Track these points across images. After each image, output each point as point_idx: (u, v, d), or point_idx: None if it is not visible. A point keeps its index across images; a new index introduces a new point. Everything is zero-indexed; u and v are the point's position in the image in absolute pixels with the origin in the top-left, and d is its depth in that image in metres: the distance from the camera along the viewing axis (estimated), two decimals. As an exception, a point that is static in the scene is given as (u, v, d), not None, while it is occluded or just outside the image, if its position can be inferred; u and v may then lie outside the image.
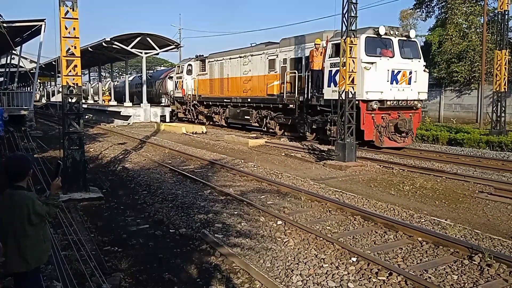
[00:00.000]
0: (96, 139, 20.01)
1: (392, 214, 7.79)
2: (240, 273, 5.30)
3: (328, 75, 15.76)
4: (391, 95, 14.96)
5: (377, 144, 15.21)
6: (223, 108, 24.54)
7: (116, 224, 7.39)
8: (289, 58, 18.65)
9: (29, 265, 3.52)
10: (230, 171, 11.79)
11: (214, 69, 24.88)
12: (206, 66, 25.80)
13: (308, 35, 17.76)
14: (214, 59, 24.92)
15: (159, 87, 34.97)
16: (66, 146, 9.09)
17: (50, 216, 3.64)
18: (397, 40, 15.36)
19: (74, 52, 9.18)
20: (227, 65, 23.56)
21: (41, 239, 3.58)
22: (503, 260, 5.42)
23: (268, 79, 19.99)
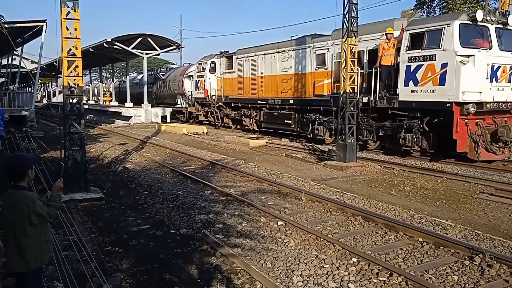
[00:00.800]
0: (97, 139, 20.03)
1: (393, 214, 7.78)
2: (241, 274, 5.30)
3: (405, 71, 13.05)
4: (491, 95, 12.14)
5: (471, 157, 12.40)
6: (256, 110, 21.57)
7: (117, 225, 7.40)
8: None
9: (29, 266, 3.52)
10: (231, 171, 11.80)
11: (244, 67, 22.02)
12: (233, 63, 22.99)
13: (372, 24, 15.07)
14: (244, 55, 22.00)
15: (174, 87, 32.08)
16: (67, 146, 9.10)
17: (50, 217, 3.62)
18: (494, 28, 12.44)
19: (75, 52, 9.20)
20: (261, 62, 20.63)
21: (42, 240, 3.57)
22: (504, 261, 5.41)
23: (316, 77, 17.08)
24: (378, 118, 14.53)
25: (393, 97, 13.61)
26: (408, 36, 13.05)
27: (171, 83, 32.52)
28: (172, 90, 32.21)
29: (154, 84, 36.04)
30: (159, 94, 35.50)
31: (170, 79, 32.96)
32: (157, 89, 35.80)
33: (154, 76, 36.42)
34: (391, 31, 13.60)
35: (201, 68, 25.93)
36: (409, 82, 12.99)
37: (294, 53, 18.19)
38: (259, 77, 20.99)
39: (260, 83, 20.93)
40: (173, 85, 32.13)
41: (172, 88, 32.23)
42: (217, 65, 24.75)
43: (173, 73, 33.46)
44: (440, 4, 33.73)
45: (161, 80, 35.17)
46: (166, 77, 34.46)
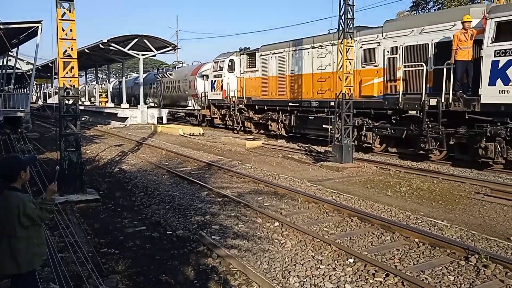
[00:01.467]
0: (93, 140, 19.97)
1: (389, 215, 7.80)
2: (238, 275, 5.30)
3: (491, 68, 11.04)
4: None
5: None
6: (285, 114, 19.07)
7: (113, 226, 7.37)
8: (404, 46, 13.56)
9: (20, 268, 3.46)
10: (227, 172, 11.79)
11: (270, 65, 19.71)
12: (256, 61, 20.67)
13: (439, 13, 13.91)
14: (270, 52, 19.73)
15: (185, 87, 29.29)
16: (63, 148, 9.07)
17: (41, 221, 3.55)
18: None
19: (71, 53, 9.18)
20: (290, 59, 18.42)
21: (34, 243, 3.52)
22: (500, 261, 5.44)
23: (363, 76, 14.95)
24: (448, 124, 12.40)
25: (473, 99, 11.50)
26: (493, 25, 11.02)
27: (181, 83, 29.93)
28: (182, 90, 29.67)
29: (159, 84, 33.91)
30: (166, 95, 33.41)
31: (180, 78, 30.36)
32: (163, 90, 33.53)
33: (160, 75, 33.81)
34: (470, 19, 11.55)
35: (217, 67, 23.54)
36: (496, 81, 10.95)
37: (334, 49, 14.90)
38: (288, 76, 18.68)
39: (290, 83, 18.61)
40: (183, 85, 29.57)
41: (182, 89, 29.69)
42: (236, 63, 22.43)
43: (182, 72, 30.85)
44: (435, 5, 33.90)
45: (169, 80, 32.49)
46: (175, 76, 32.01)
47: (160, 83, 33.69)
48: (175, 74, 32.21)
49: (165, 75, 32.97)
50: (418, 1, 34.66)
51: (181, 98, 30.46)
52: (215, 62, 24.06)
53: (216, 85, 23.66)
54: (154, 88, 35.43)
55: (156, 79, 34.27)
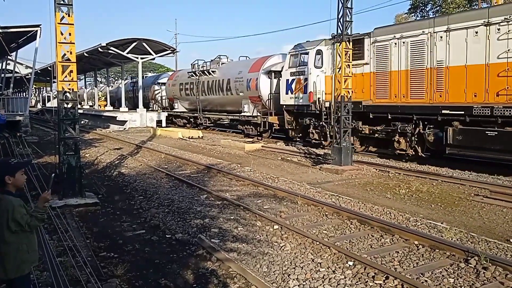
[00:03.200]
0: (92, 144, 19.96)
1: (388, 217, 7.80)
2: (237, 278, 5.28)
3: None
4: None
5: None
6: (430, 125, 13.23)
7: (112, 230, 7.36)
8: None
9: (7, 274, 3.41)
10: (227, 175, 11.78)
11: (393, 54, 14.22)
12: (365, 50, 15.12)
13: None
14: (393, 35, 14.16)
15: (239, 87, 22.55)
16: (62, 151, 9.06)
17: (30, 228, 3.46)
18: None
19: (69, 57, 9.19)
20: (436, 44, 12.97)
21: (24, 249, 3.45)
22: (499, 263, 5.44)
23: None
24: None
25: None
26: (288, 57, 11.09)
27: (233, 82, 22.99)
28: (234, 91, 23.03)
29: (195, 84, 26.96)
30: (206, 98, 26.22)
31: (229, 76, 23.47)
32: (200, 91, 26.35)
33: (197, 73, 26.59)
34: None
35: (297, 61, 17.70)
36: None
37: None
38: (432, 69, 13.14)
39: (436, 80, 13.08)
40: (236, 85, 22.80)
41: (234, 90, 22.95)
42: (326, 55, 16.88)
43: (234, 69, 23.73)
44: (433, 8, 34.01)
45: (210, 79, 25.39)
46: (220, 74, 24.85)
47: (196, 83, 26.61)
48: (221, 71, 24.94)
49: (205, 72, 25.71)
50: (417, 4, 34.77)
51: (232, 103, 23.69)
52: (293, 55, 18.18)
53: (295, 85, 17.69)
54: (186, 90, 28.28)
55: (191, 78, 27.38)
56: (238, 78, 22.72)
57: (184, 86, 28.76)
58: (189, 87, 28.02)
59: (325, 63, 16.94)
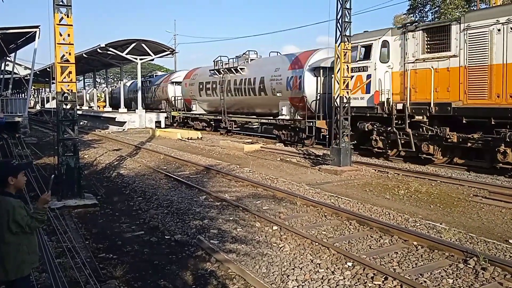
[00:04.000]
0: (90, 145, 19.95)
1: (387, 218, 7.80)
2: (236, 279, 5.28)
3: None
4: None
5: None
6: None
7: (111, 231, 7.35)
8: None
9: (7, 275, 3.40)
10: (226, 176, 11.78)
11: (495, 44, 11.43)
12: (452, 39, 12.45)
13: None
14: (495, 19, 11.41)
15: (276, 87, 19.80)
16: (61, 152, 9.06)
17: (30, 229, 3.47)
18: None
19: (68, 58, 9.18)
20: None
21: (24, 250, 3.45)
22: (498, 264, 5.44)
23: None
24: None
25: None
26: None
27: (268, 81, 20.19)
28: (269, 92, 20.26)
29: (218, 83, 24.24)
30: (230, 99, 23.43)
31: (263, 74, 20.63)
32: (224, 91, 23.55)
33: (222, 70, 23.76)
34: None
35: (356, 55, 14.80)
36: None
37: None
38: None
39: None
40: (272, 84, 19.95)
41: (269, 90, 20.19)
42: (393, 47, 14.16)
43: (268, 65, 20.99)
44: (432, 9, 34.06)
45: (235, 76, 22.70)
46: (250, 72, 21.96)
47: (220, 82, 23.82)
48: (251, 68, 22.17)
49: (232, 70, 22.99)
50: (415, 5, 34.81)
51: (262, 104, 21.18)
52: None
53: (354, 84, 14.67)
54: (207, 90, 25.63)
55: (213, 77, 24.65)
56: (275, 76, 19.83)
57: (205, 86, 25.82)
58: (211, 87, 25.13)
59: (392, 56, 14.21)
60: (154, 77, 37.02)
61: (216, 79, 24.50)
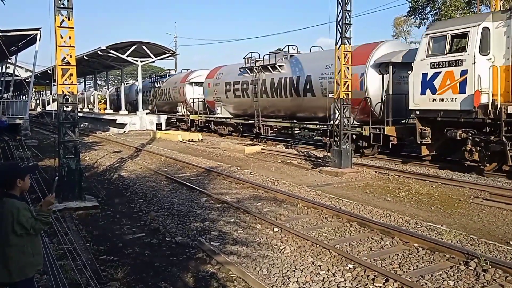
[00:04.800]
0: (91, 147, 19.96)
1: (388, 220, 7.80)
2: (237, 281, 5.28)
3: None
4: None
5: None
6: None
7: (112, 233, 7.36)
8: None
9: (11, 277, 3.41)
10: (227, 178, 11.78)
11: None
12: None
13: None
14: None
15: (326, 86, 16.90)
16: (62, 154, 9.07)
17: (35, 231, 3.48)
18: None
19: (69, 60, 9.20)
20: None
21: (28, 252, 3.46)
22: (499, 265, 5.43)
23: None
24: None
25: None
26: None
27: (317, 80, 17.31)
28: (318, 92, 17.36)
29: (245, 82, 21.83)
30: (266, 101, 20.50)
31: (310, 72, 17.73)
32: (259, 91, 20.70)
33: (255, 69, 20.99)
34: None
35: (443, 46, 12.16)
36: None
37: None
38: None
39: None
40: (323, 83, 17.09)
41: (319, 90, 17.30)
42: (495, 36, 11.43)
43: (315, 61, 18.09)
44: (432, 11, 34.08)
45: (272, 75, 19.84)
46: (290, 68, 19.03)
47: (253, 82, 21.12)
48: (292, 65, 19.00)
49: (268, 68, 20.09)
50: (416, 7, 34.84)
51: (308, 106, 18.22)
52: (433, 38, 12.42)
53: (442, 82, 12.14)
54: (236, 91, 22.74)
55: (244, 76, 21.96)
56: (326, 74, 16.84)
57: (233, 86, 22.87)
58: (241, 87, 22.20)
59: (495, 47, 11.40)
60: (168, 76, 34.18)
61: (247, 78, 21.74)
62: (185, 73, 31.64)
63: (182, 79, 30.57)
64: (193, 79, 29.26)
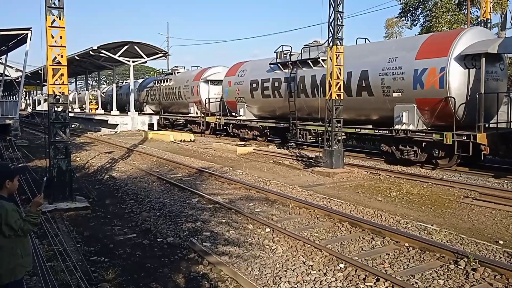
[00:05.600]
0: (82, 148, 19.83)
1: (379, 220, 7.84)
2: (229, 282, 5.28)
3: None
4: None
5: None
6: None
7: (102, 234, 7.31)
8: None
9: (1, 279, 3.38)
10: (219, 179, 11.77)
11: None
12: None
13: None
14: None
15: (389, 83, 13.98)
16: (52, 155, 9.00)
17: (23, 233, 3.45)
18: None
19: (60, 60, 9.14)
20: None
21: (18, 253, 3.43)
22: (488, 264, 5.49)
23: None
24: None
25: None
26: None
27: (377, 76, 14.39)
28: (379, 91, 14.31)
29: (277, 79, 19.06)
30: (305, 101, 17.65)
31: (367, 66, 14.85)
32: (296, 91, 17.91)
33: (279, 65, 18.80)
34: None
35: None
36: None
37: None
38: None
39: None
40: (386, 80, 14.04)
41: (380, 88, 14.26)
42: None
43: (373, 54, 15.32)
44: (424, 12, 34.35)
45: (313, 71, 17.09)
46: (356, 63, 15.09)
47: (287, 79, 18.30)
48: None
49: (308, 63, 17.21)
50: (407, 8, 35.08)
51: (362, 107, 15.30)
52: None
53: None
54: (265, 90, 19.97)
55: (275, 72, 19.13)
56: (389, 69, 13.92)
57: (261, 84, 20.05)
58: (271, 86, 19.40)
59: None
60: (176, 74, 30.35)
61: (279, 75, 18.85)
62: (198, 70, 28.32)
63: (196, 76, 27.03)
64: (210, 76, 26.01)
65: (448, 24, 31.11)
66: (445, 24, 31.11)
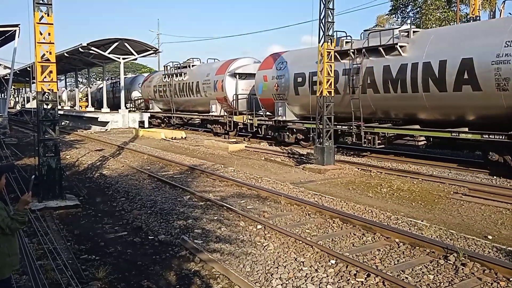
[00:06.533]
0: (72, 145, 19.66)
1: (370, 216, 7.90)
2: (220, 279, 5.28)
3: None
4: None
5: None
6: None
7: (93, 232, 7.27)
8: None
9: None
10: (210, 176, 11.75)
11: None
12: None
13: None
14: None
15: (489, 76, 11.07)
16: (41, 153, 8.91)
17: (11, 231, 3.42)
18: None
19: (49, 57, 9.04)
20: None
21: (5, 252, 3.40)
22: (477, 259, 5.56)
23: None
24: None
25: None
26: None
27: (486, 65, 11.15)
28: (485, 83, 11.25)
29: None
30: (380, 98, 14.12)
31: (471, 53, 11.52)
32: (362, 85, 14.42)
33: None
34: None
35: None
36: None
37: None
38: None
39: None
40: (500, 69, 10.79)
41: (488, 79, 11.14)
42: None
43: (476, 37, 11.93)
44: (414, 9, 34.57)
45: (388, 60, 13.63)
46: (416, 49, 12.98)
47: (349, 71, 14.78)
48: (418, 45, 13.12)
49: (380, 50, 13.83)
50: (397, 5, 35.27)
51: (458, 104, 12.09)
52: None
53: None
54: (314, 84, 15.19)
55: (352, 62, 14.75)
56: (507, 56, 10.76)
57: (309, 79, 16.40)
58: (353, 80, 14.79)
59: None
60: (191, 67, 26.22)
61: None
62: (220, 62, 24.37)
63: (220, 69, 23.12)
64: (238, 69, 22.26)
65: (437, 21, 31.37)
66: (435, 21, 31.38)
